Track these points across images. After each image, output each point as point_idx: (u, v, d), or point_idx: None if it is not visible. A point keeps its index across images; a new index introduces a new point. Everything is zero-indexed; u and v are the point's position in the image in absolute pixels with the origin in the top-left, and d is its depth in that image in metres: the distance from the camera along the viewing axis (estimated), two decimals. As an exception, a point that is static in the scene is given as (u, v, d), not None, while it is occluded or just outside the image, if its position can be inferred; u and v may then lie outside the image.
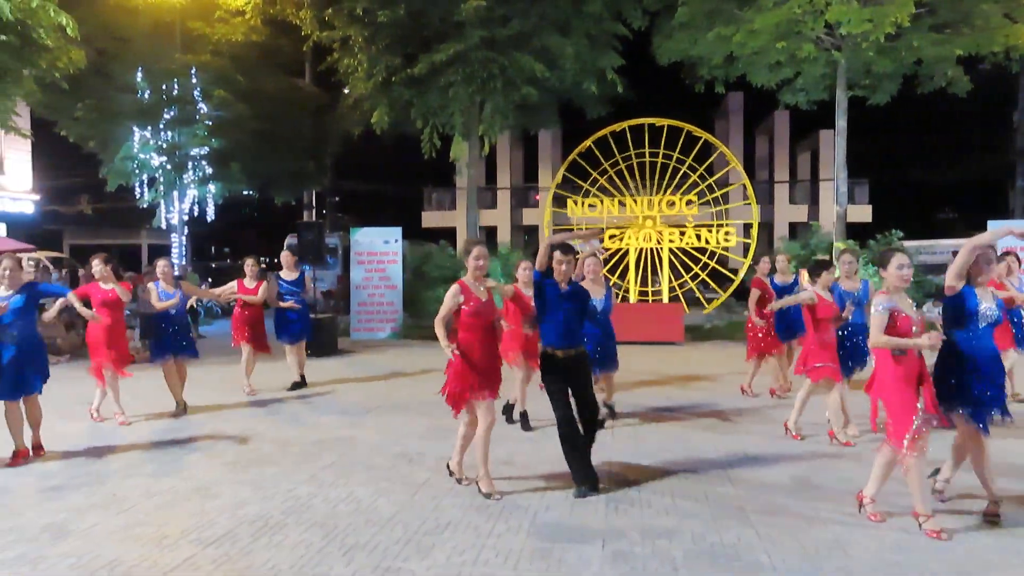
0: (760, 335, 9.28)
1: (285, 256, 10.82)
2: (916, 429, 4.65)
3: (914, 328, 4.77)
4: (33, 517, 5.10)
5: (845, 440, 6.89)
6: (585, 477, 5.53)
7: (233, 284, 9.83)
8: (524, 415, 7.70)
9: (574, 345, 5.68)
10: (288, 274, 10.55)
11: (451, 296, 5.43)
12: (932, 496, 5.19)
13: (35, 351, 6.64)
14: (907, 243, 18.02)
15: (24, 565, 4.29)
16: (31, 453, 6.65)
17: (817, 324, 6.90)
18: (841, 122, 17.46)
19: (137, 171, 21.63)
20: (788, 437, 7.20)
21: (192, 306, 16.79)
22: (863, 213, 30.27)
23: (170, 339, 8.55)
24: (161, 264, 8.74)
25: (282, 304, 10.21)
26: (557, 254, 5.58)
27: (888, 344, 4.75)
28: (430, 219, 33.71)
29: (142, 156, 21.32)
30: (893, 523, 4.88)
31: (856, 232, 19.66)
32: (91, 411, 8.25)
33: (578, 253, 6.31)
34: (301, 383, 10.31)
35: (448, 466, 5.93)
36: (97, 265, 8.13)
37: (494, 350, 5.67)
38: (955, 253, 6.61)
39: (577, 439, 5.59)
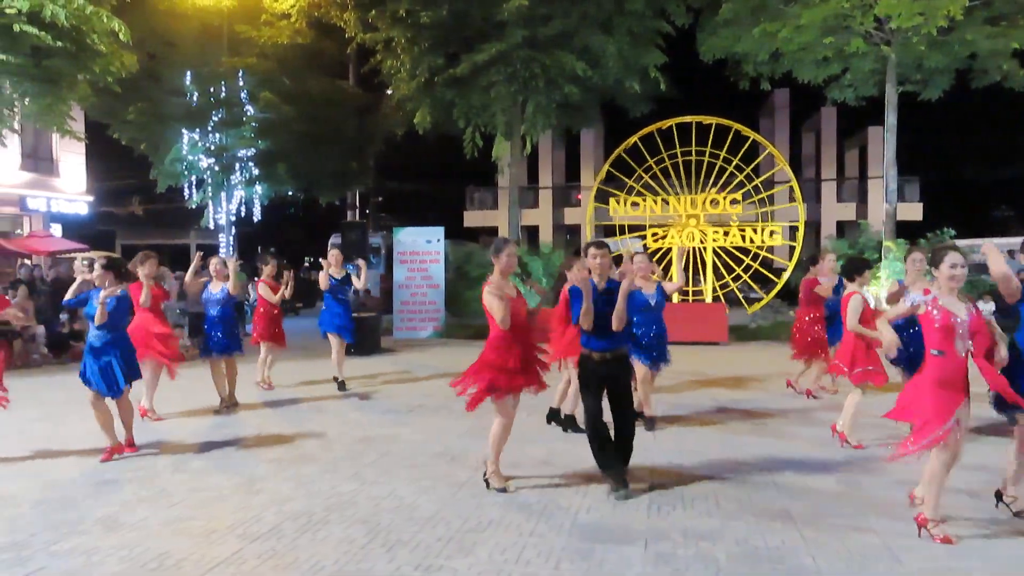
0: (810, 337, 9.15)
1: (335, 254, 10.82)
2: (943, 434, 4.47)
3: (959, 331, 4.53)
4: (86, 510, 5.23)
5: (856, 443, 6.82)
6: (617, 477, 5.46)
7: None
8: (571, 418, 7.65)
9: (605, 348, 5.47)
10: (336, 272, 10.69)
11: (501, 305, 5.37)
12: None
13: (125, 352, 6.71)
14: (960, 242, 17.53)
15: (78, 556, 4.41)
16: (124, 449, 6.73)
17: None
18: (891, 118, 17.07)
19: (186, 172, 22.13)
20: (834, 439, 7.07)
21: (241, 303, 17.17)
22: (914, 211, 29.56)
23: (212, 337, 8.67)
24: (214, 262, 8.93)
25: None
26: (592, 249, 5.47)
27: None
28: (472, 219, 33.81)
29: (191, 158, 21.80)
30: (946, 529, 4.75)
31: (907, 231, 19.21)
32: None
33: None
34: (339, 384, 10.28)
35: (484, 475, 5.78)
36: (149, 267, 8.35)
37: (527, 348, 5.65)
38: (1011, 252, 6.40)
39: (603, 438, 5.51)
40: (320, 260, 10.56)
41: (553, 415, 7.80)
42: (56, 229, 23.84)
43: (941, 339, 4.54)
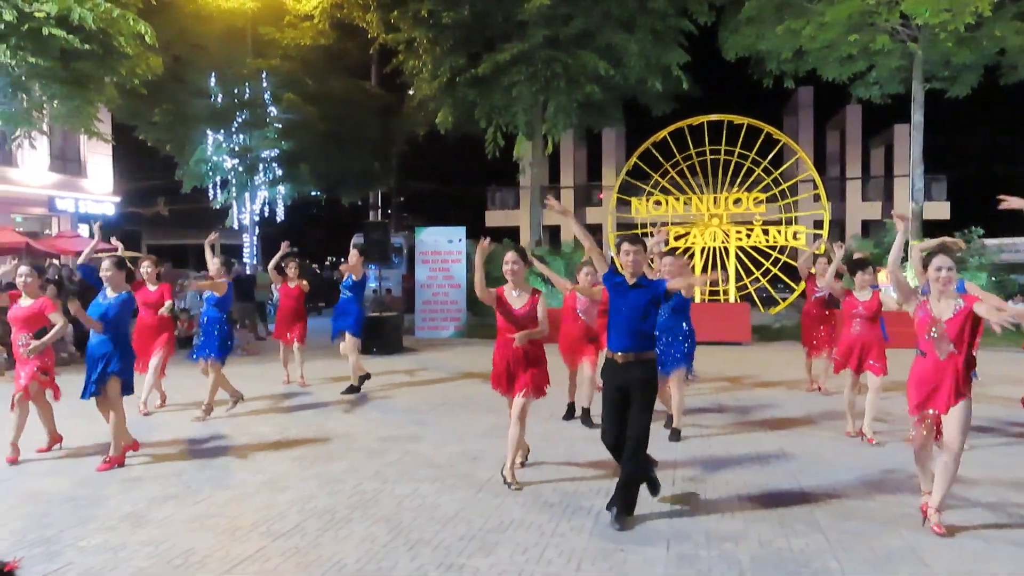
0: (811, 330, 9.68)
1: (354, 255, 10.74)
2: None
3: (932, 331, 4.66)
4: (113, 507, 5.30)
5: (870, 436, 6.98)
6: (615, 496, 4.96)
7: None
8: (586, 412, 7.79)
9: (628, 349, 5.00)
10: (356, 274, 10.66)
11: (488, 295, 5.79)
12: None
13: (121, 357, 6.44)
14: (988, 241, 17.31)
15: (105, 552, 4.47)
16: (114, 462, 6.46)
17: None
18: (917, 116, 16.88)
19: (211, 173, 22.38)
20: (858, 440, 7.01)
21: (263, 303, 17.27)
22: (941, 210, 29.16)
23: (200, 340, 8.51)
24: (215, 263, 8.62)
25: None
26: (626, 245, 5.08)
27: None
28: (494, 218, 33.80)
29: (215, 159, 22.04)
30: (972, 532, 4.70)
31: (934, 230, 18.97)
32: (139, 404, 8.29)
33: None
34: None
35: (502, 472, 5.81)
36: (148, 267, 8.44)
37: (517, 354, 5.70)
38: None
39: (617, 456, 5.09)
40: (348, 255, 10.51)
41: (571, 409, 8.09)
42: (84, 229, 24.17)
43: (921, 340, 4.76)
